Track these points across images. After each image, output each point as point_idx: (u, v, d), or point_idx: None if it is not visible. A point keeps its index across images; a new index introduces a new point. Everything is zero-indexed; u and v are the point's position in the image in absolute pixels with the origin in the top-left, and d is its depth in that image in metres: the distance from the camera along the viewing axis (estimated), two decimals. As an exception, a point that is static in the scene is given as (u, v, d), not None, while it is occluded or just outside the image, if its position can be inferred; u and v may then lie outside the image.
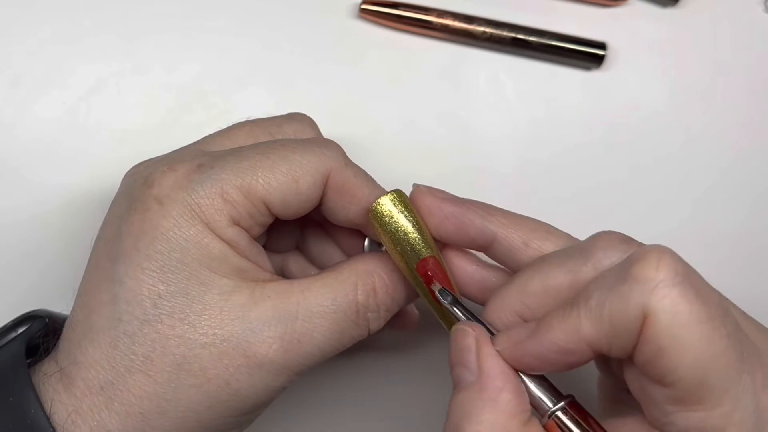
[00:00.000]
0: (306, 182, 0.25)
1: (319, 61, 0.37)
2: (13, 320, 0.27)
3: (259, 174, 0.25)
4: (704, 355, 0.21)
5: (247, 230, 0.25)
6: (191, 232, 0.24)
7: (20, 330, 0.26)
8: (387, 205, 0.25)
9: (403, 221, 0.25)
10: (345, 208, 0.26)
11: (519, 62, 0.38)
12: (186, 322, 0.24)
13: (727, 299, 0.25)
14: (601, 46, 0.37)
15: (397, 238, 0.25)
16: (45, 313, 0.27)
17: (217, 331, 0.24)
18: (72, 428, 0.23)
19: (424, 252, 0.25)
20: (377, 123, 0.37)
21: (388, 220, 0.25)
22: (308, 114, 0.36)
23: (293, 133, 0.29)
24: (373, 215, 0.25)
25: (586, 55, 0.38)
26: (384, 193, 0.26)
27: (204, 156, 0.26)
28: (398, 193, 0.26)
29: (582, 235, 0.37)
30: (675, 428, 0.22)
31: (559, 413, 0.23)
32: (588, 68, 0.38)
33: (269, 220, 0.26)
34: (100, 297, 0.25)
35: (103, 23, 0.36)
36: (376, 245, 0.29)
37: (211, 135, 0.29)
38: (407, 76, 0.38)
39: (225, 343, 0.24)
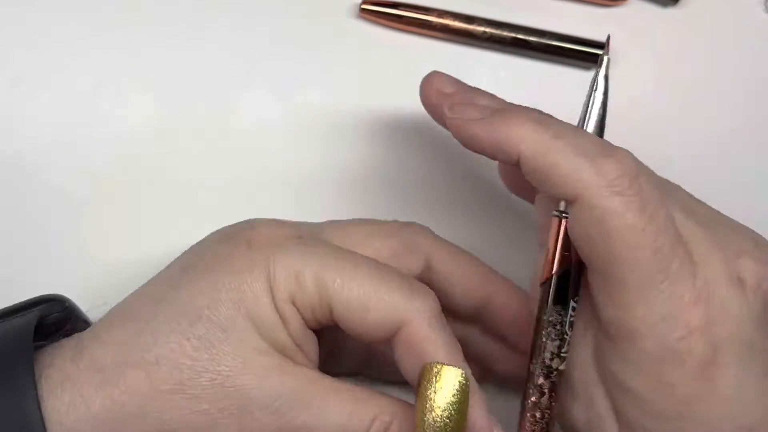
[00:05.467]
0: (374, 317, 0.25)
1: (319, 61, 0.37)
2: (31, 299, 0.27)
3: (338, 281, 0.25)
4: (624, 256, 0.22)
5: (303, 316, 0.25)
6: (256, 286, 0.24)
7: (36, 309, 0.27)
8: (444, 375, 0.23)
9: (445, 400, 0.23)
10: (410, 367, 0.25)
11: (519, 62, 0.38)
12: (209, 353, 0.24)
13: (681, 199, 0.26)
14: (601, 46, 0.37)
15: (428, 409, 0.23)
16: (66, 299, 0.28)
17: (231, 375, 0.24)
18: (58, 392, 0.23)
19: None
20: (377, 123, 0.37)
21: (433, 387, 0.23)
22: (308, 113, 0.37)
23: (410, 239, 0.28)
24: (425, 373, 0.24)
25: (586, 55, 0.38)
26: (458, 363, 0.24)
27: (310, 232, 0.27)
28: (464, 377, 0.24)
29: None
30: (602, 319, 0.24)
31: None
32: (588, 68, 0.38)
33: (329, 323, 0.26)
34: (152, 293, 0.26)
35: (104, 23, 0.36)
36: None
37: (334, 222, 0.29)
38: (407, 76, 0.37)
39: (231, 390, 0.24)
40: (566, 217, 0.24)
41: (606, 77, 0.26)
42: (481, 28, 0.37)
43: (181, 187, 0.35)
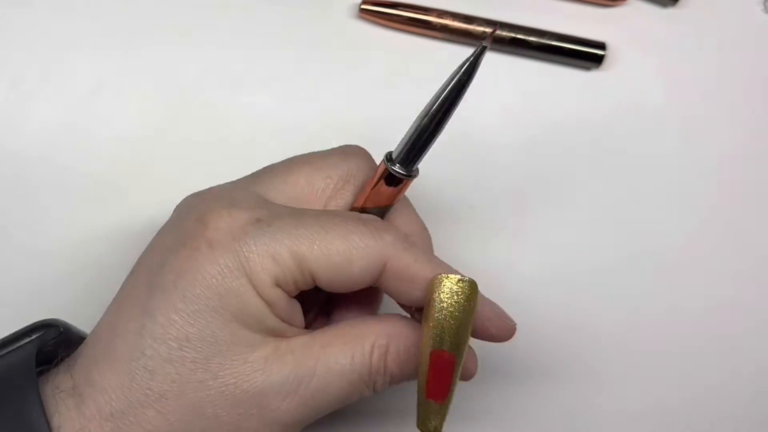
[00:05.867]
0: (359, 266, 0.25)
1: (319, 61, 0.37)
2: (27, 326, 0.26)
3: (315, 247, 0.25)
4: None
5: (286, 291, 0.25)
6: (233, 285, 0.24)
7: (33, 336, 0.26)
8: (452, 284, 0.24)
9: (455, 307, 0.24)
10: (408, 293, 0.26)
11: (519, 62, 0.38)
12: (208, 369, 0.24)
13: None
14: (601, 46, 0.37)
15: (439, 318, 0.24)
16: (60, 323, 0.27)
17: (237, 380, 0.24)
18: None
19: (451, 346, 0.24)
20: (377, 123, 0.37)
21: (443, 297, 0.24)
22: (307, 115, 0.37)
23: (348, 171, 0.28)
24: (434, 284, 0.24)
25: (586, 55, 0.38)
26: (454, 272, 0.25)
27: (263, 209, 0.26)
28: (471, 283, 0.24)
29: (581, 236, 0.37)
30: None
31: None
32: (588, 68, 0.38)
33: (309, 288, 0.26)
34: (128, 324, 0.24)
35: (103, 23, 0.36)
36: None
37: (268, 172, 0.28)
38: (407, 76, 0.38)
39: (242, 394, 0.24)
40: (388, 166, 0.26)
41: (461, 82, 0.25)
42: (481, 28, 0.37)
43: (180, 187, 0.35)
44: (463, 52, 0.38)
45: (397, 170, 0.26)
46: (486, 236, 0.37)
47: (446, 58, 0.38)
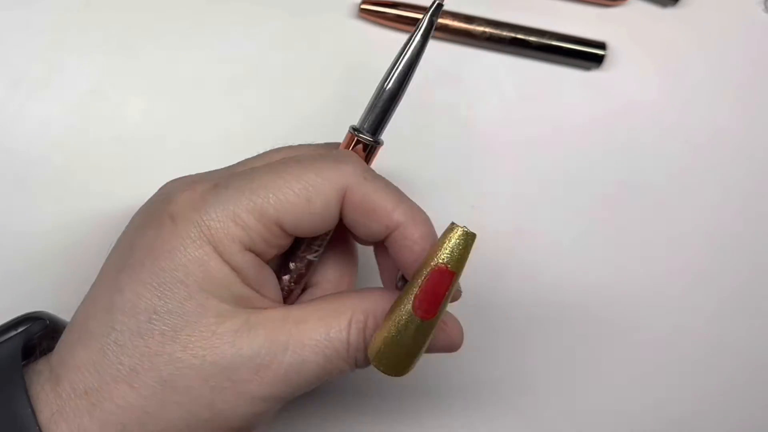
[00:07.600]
0: (320, 202, 0.25)
1: (319, 61, 0.37)
2: (14, 319, 0.27)
3: (271, 195, 0.24)
4: None
5: (260, 254, 0.25)
6: (197, 254, 0.24)
7: (20, 329, 0.26)
8: (461, 232, 0.24)
9: (465, 245, 0.24)
10: (366, 226, 0.25)
11: (519, 62, 0.38)
12: (177, 341, 0.24)
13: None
14: (601, 46, 0.37)
15: (451, 244, 0.24)
16: (46, 315, 0.27)
17: (206, 353, 0.24)
18: (54, 428, 0.23)
19: (454, 265, 0.24)
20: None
21: (454, 246, 0.24)
22: (307, 115, 0.37)
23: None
24: (449, 232, 0.24)
25: (586, 55, 0.38)
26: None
27: (223, 176, 0.26)
28: (473, 235, 0.24)
29: (581, 235, 0.37)
30: None
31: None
32: (588, 68, 0.38)
33: (286, 241, 0.26)
34: (99, 303, 0.25)
35: (103, 24, 0.36)
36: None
37: (249, 158, 0.28)
38: (407, 76, 0.38)
39: (213, 367, 0.24)
40: (356, 134, 0.26)
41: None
42: (481, 28, 0.37)
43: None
44: (463, 52, 0.38)
45: (365, 137, 0.26)
46: (486, 236, 0.37)
47: (446, 58, 0.38)
